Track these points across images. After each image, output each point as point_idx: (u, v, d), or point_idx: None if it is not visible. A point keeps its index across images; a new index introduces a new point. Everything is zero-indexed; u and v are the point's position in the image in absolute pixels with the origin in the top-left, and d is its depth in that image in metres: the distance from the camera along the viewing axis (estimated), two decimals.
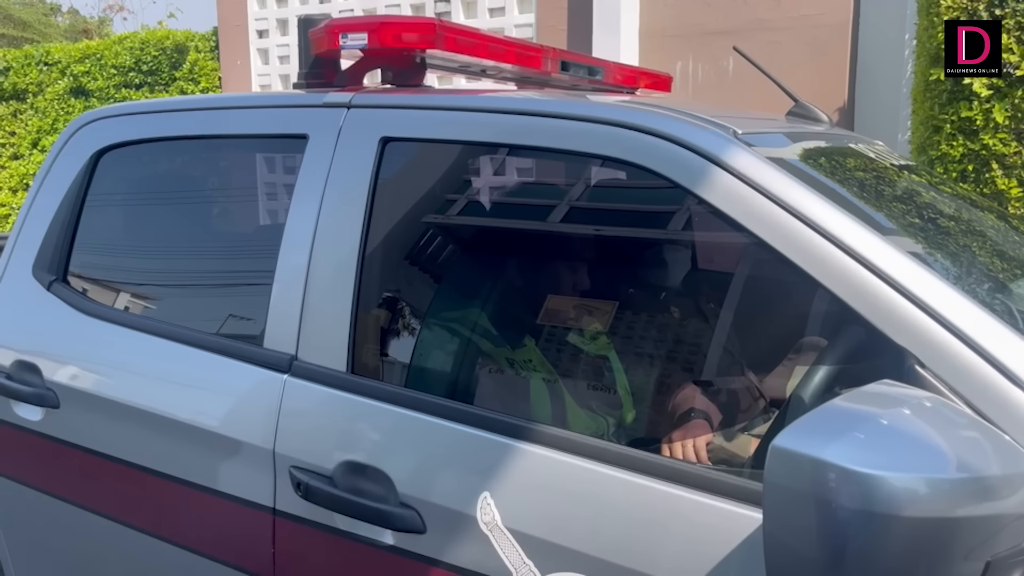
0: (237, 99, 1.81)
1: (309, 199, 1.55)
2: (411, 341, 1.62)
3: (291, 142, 1.67)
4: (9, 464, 1.91)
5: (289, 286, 1.54)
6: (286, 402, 1.49)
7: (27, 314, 1.92)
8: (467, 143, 1.53)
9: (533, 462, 1.25)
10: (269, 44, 6.32)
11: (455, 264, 1.77)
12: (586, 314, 1.81)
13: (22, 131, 7.70)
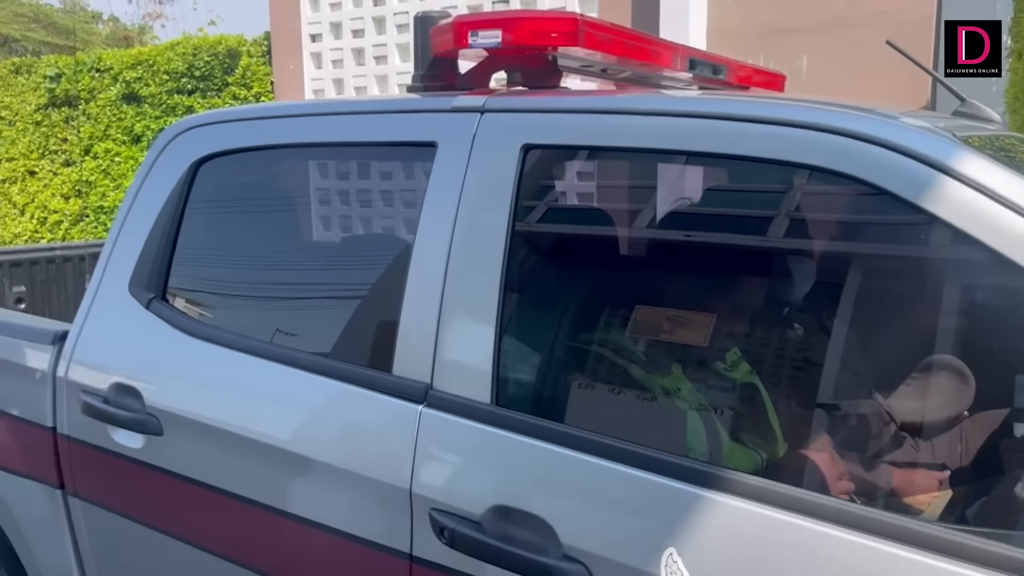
0: (351, 104, 1.68)
1: (441, 212, 1.42)
2: (558, 368, 1.48)
3: (416, 150, 1.53)
4: (105, 493, 1.80)
5: (421, 308, 1.40)
6: (423, 436, 1.35)
7: (125, 334, 1.81)
8: (630, 150, 1.38)
9: (730, 516, 1.10)
10: (322, 48, 6.24)
11: (602, 282, 1.63)
12: (680, 327, 1.66)
13: (74, 138, 7.72)
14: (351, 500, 1.43)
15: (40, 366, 1.88)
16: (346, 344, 1.61)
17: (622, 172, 1.63)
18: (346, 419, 1.48)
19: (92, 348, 1.83)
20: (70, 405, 1.81)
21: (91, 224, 7.64)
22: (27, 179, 8.12)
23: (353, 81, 6.12)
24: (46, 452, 1.86)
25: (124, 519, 1.77)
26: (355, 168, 1.74)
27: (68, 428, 1.82)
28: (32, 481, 1.91)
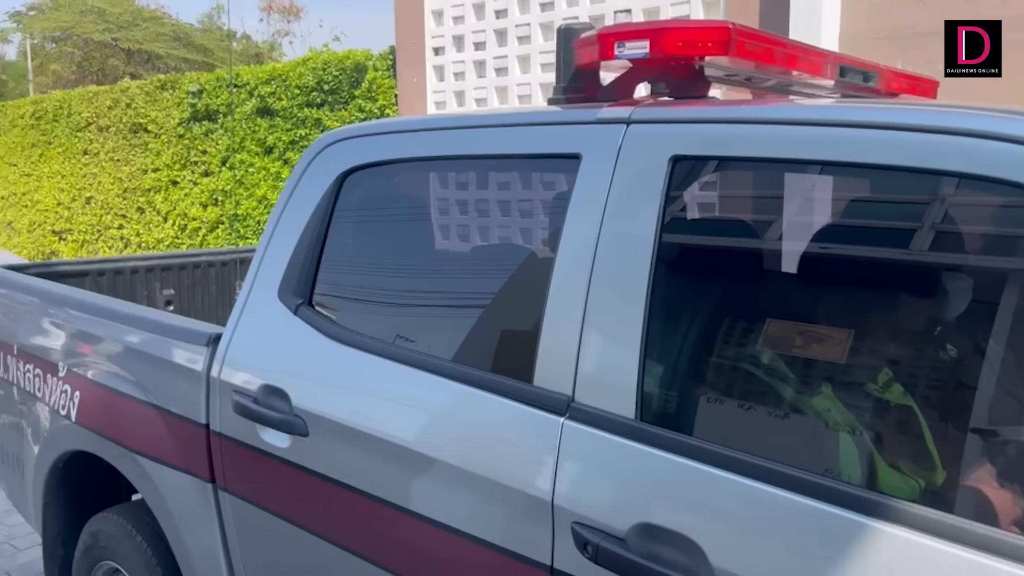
0: (493, 118, 1.71)
1: (585, 224, 1.41)
2: (704, 384, 1.45)
3: (560, 162, 1.54)
4: (252, 489, 1.89)
5: (563, 320, 1.40)
6: (565, 449, 1.35)
7: (274, 338, 1.89)
8: (785, 161, 1.34)
9: (894, 546, 1.04)
10: (445, 61, 6.38)
11: (752, 297, 1.58)
12: (815, 342, 1.58)
13: (212, 149, 8.19)
14: (489, 507, 1.44)
15: (195, 366, 1.99)
16: (485, 353, 1.63)
17: (773, 184, 1.58)
18: (485, 426, 1.49)
19: (243, 350, 1.93)
20: (222, 404, 1.91)
21: (226, 231, 8.08)
22: (170, 188, 8.67)
23: (474, 93, 6.22)
24: (199, 447, 1.97)
25: (269, 514, 1.85)
26: (496, 180, 1.76)
27: (220, 426, 1.92)
28: (185, 474, 2.02)
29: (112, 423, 2.24)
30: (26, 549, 3.66)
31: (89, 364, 2.35)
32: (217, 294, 3.84)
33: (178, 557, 2.10)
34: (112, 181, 9.36)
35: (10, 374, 2.68)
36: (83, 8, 25.64)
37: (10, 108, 11.22)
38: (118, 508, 2.40)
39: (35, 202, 10.52)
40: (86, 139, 9.72)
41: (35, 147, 10.52)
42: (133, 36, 24.58)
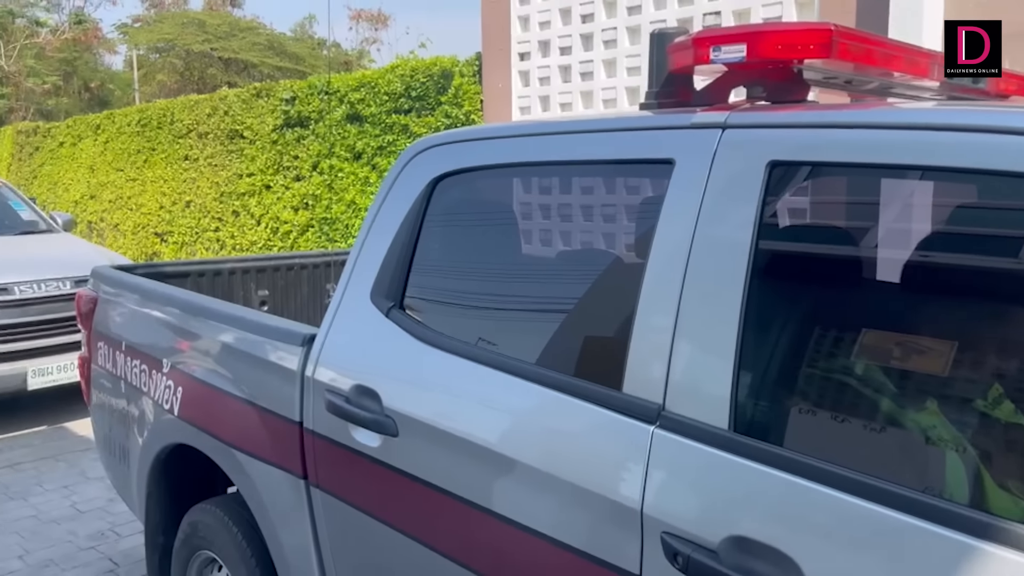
0: (583, 123, 1.70)
1: (677, 230, 1.40)
2: (799, 394, 1.41)
3: (651, 167, 1.53)
4: (343, 486, 1.94)
5: (654, 328, 1.39)
6: (655, 458, 1.33)
7: (366, 340, 1.94)
8: (889, 167, 1.29)
9: (1008, 572, 0.99)
10: (530, 66, 6.41)
11: (850, 305, 1.53)
12: (915, 354, 1.50)
13: (304, 155, 8.44)
14: (572, 511, 1.44)
15: (290, 365, 2.05)
16: (572, 358, 1.63)
17: (873, 190, 1.52)
18: (573, 431, 1.49)
19: (336, 351, 1.98)
20: (316, 402, 1.97)
21: (315, 234, 8.31)
22: (263, 192, 8.98)
23: (559, 98, 6.24)
24: (293, 444, 2.03)
25: (359, 512, 1.89)
26: (584, 185, 1.76)
27: (313, 424, 1.98)
28: (279, 470, 2.09)
29: (211, 418, 2.33)
30: (128, 536, 3.85)
31: (191, 361, 2.46)
32: (309, 295, 3.96)
33: (271, 550, 2.17)
34: (210, 185, 9.76)
35: (119, 369, 2.83)
36: (185, 20, 26.86)
37: (118, 116, 11.84)
38: (216, 500, 2.50)
39: (139, 205, 11.07)
40: (187, 145, 10.17)
41: (140, 153, 11.08)
42: (230, 46, 25.60)
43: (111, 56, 34.16)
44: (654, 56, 1.64)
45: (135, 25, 29.48)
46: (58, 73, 27.67)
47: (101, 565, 3.59)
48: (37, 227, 6.83)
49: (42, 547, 3.75)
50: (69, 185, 12.62)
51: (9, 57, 24.92)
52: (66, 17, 29.11)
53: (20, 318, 5.36)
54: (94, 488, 4.42)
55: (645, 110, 1.66)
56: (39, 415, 5.65)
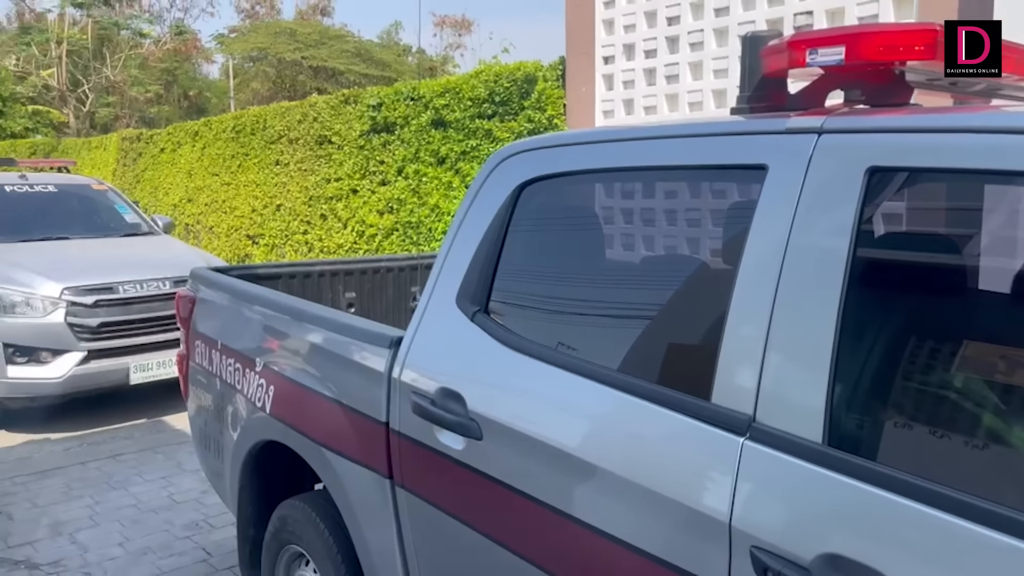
0: (672, 128, 1.68)
1: (770, 238, 1.37)
2: (898, 408, 1.36)
3: (743, 173, 1.50)
4: (427, 487, 1.96)
5: (745, 337, 1.36)
6: (745, 471, 1.30)
7: (451, 343, 1.96)
8: (1002, 173, 1.23)
9: None
10: (614, 70, 6.37)
11: (952, 316, 1.47)
12: (1020, 368, 1.42)
13: (390, 160, 8.61)
14: (661, 522, 1.42)
15: (378, 367, 2.10)
16: (657, 366, 1.61)
17: (978, 197, 1.46)
18: (658, 440, 1.48)
19: (422, 353, 2.01)
20: (402, 404, 2.00)
21: (399, 237, 8.47)
22: (350, 197, 9.20)
23: (643, 101, 6.18)
24: (379, 444, 2.07)
25: (442, 513, 1.91)
26: (672, 191, 1.74)
27: (399, 424, 2.01)
28: (365, 469, 2.14)
29: (301, 416, 2.40)
30: (220, 528, 4.00)
31: (282, 360, 2.54)
32: (394, 298, 4.03)
33: (357, 547, 2.22)
34: (299, 190, 10.06)
35: (214, 367, 2.94)
36: (277, 30, 27.80)
37: (214, 123, 12.34)
38: (304, 496, 2.57)
39: (233, 208, 11.50)
40: (278, 151, 10.51)
41: (234, 158, 11.51)
42: (319, 54, 26.36)
43: (208, 65, 35.67)
44: (746, 59, 1.60)
45: (231, 35, 30.70)
46: (160, 82, 29.05)
47: (195, 555, 3.74)
48: (140, 229, 7.18)
49: (141, 535, 3.94)
50: (168, 189, 13.22)
51: (115, 67, 26.27)
52: (167, 28, 30.53)
53: (124, 316, 5.64)
54: (189, 480, 4.61)
55: (737, 115, 1.63)
56: (140, 409, 5.94)
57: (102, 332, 5.55)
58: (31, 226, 6.54)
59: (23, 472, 4.80)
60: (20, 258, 5.83)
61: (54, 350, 5.40)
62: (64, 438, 5.43)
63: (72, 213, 7.02)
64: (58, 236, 6.55)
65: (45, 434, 5.50)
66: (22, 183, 7.00)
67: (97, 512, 4.22)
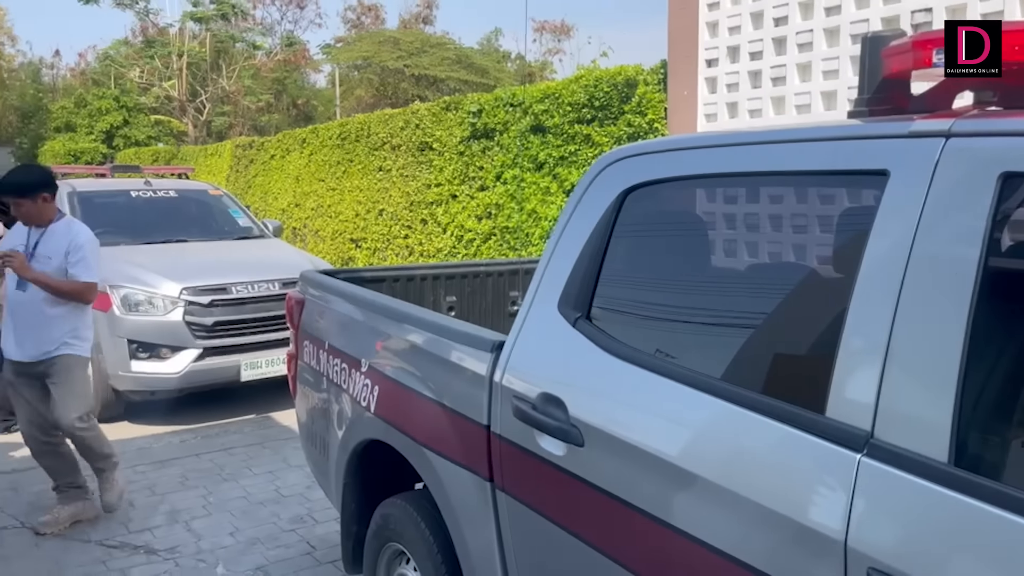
0: (784, 133, 1.64)
1: (892, 246, 1.31)
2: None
3: (861, 179, 1.44)
4: (527, 491, 1.97)
5: (863, 349, 1.31)
6: (862, 488, 1.25)
7: (553, 349, 1.97)
8: None
9: None
10: (718, 73, 6.25)
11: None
12: None
13: (488, 166, 8.71)
14: (768, 538, 1.38)
15: (480, 370, 2.12)
16: (765, 376, 1.56)
17: None
18: (765, 452, 1.43)
19: (524, 358, 2.02)
20: (503, 408, 2.02)
21: (497, 242, 8.55)
22: (449, 202, 9.36)
23: (747, 104, 6.03)
24: (480, 447, 2.10)
25: (542, 518, 1.92)
26: (786, 197, 1.69)
27: (500, 428, 2.03)
28: (466, 471, 2.16)
29: (404, 417, 2.45)
30: (324, 522, 4.12)
31: (387, 362, 2.60)
32: (493, 302, 4.07)
33: (457, 547, 2.25)
34: (401, 195, 10.30)
35: (322, 366, 3.04)
36: (381, 39, 28.57)
37: (321, 130, 12.79)
38: (406, 495, 2.62)
39: (338, 213, 11.88)
40: (381, 157, 10.80)
41: (340, 164, 11.89)
42: (421, 62, 26.93)
43: (315, 74, 36.97)
44: (866, 60, 1.54)
45: (337, 45, 31.76)
46: (270, 91, 30.32)
47: (300, 547, 3.87)
48: (251, 233, 7.51)
49: (250, 526, 4.11)
50: (278, 194, 13.77)
51: (230, 78, 27.59)
52: (278, 40, 31.84)
53: (236, 315, 5.91)
54: (295, 475, 4.79)
55: (854, 118, 1.57)
56: (250, 405, 6.20)
57: (216, 330, 5.82)
58: (154, 229, 6.94)
59: (143, 461, 5.09)
60: (144, 259, 6.19)
61: (173, 347, 5.71)
62: (180, 431, 5.73)
63: (190, 217, 7.41)
64: (178, 239, 6.92)
65: (163, 426, 5.82)
66: (146, 189, 7.44)
67: (210, 502, 4.43)
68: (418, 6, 33.95)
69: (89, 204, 6.87)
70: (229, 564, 3.70)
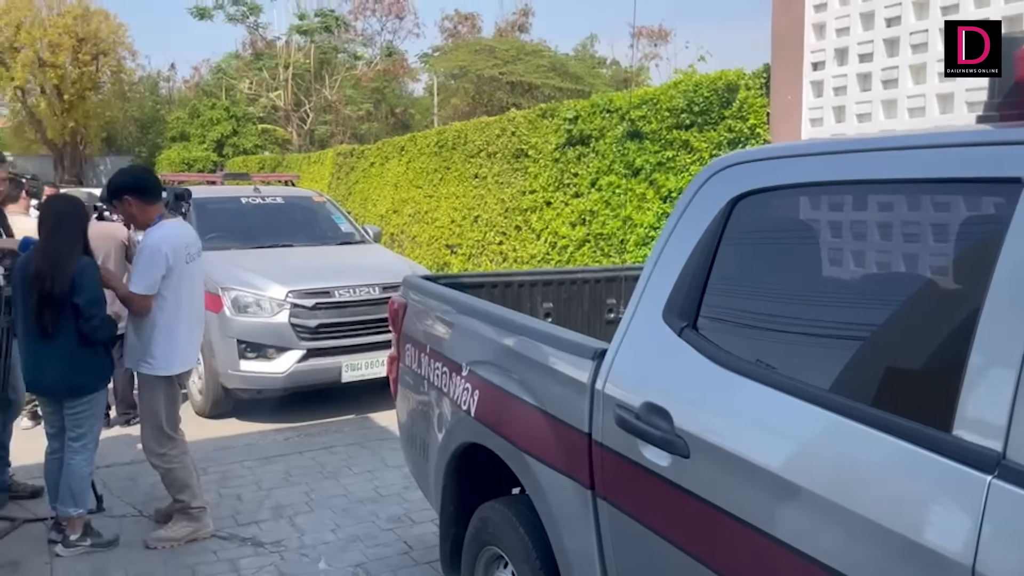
0: (905, 139, 1.57)
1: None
2: None
3: (991, 187, 1.37)
4: (630, 500, 1.96)
5: (995, 365, 1.24)
6: (993, 512, 1.19)
7: (657, 358, 1.95)
8: None
9: None
10: (824, 76, 6.06)
11: None
12: None
13: (583, 172, 8.69)
14: (882, 556, 1.32)
15: (581, 378, 2.12)
16: (882, 391, 1.50)
17: None
18: (882, 469, 1.38)
19: (627, 367, 2.01)
20: (605, 416, 2.01)
21: (591, 249, 8.52)
22: (544, 208, 9.39)
23: (856, 108, 5.82)
24: (581, 454, 2.09)
25: (644, 528, 1.90)
26: (905, 205, 1.63)
27: (602, 436, 2.02)
28: (567, 478, 2.16)
29: (504, 421, 2.48)
30: (421, 523, 4.20)
31: (487, 366, 2.63)
32: (590, 309, 4.06)
33: (556, 555, 2.25)
34: (496, 202, 10.41)
35: (423, 369, 3.10)
36: (478, 48, 28.95)
37: (419, 138, 13.07)
38: (505, 500, 2.65)
39: (434, 219, 12.10)
40: (477, 164, 10.94)
41: (436, 172, 12.11)
42: (516, 70, 27.14)
43: (413, 83, 37.78)
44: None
45: (434, 54, 32.37)
46: (370, 100, 31.17)
47: (397, 547, 3.96)
48: (353, 238, 7.74)
49: (350, 524, 4.22)
50: (377, 201, 14.14)
51: (332, 88, 28.51)
52: (378, 50, 32.69)
53: (338, 318, 6.09)
54: (392, 475, 4.89)
55: (984, 123, 1.50)
56: (349, 405, 6.38)
57: (319, 333, 6.02)
58: (262, 234, 7.24)
59: (250, 457, 5.31)
60: (252, 263, 6.46)
61: (279, 347, 5.94)
62: (284, 428, 5.95)
63: (295, 223, 7.69)
64: (284, 243, 7.19)
65: (268, 424, 6.06)
66: (255, 195, 7.77)
67: (312, 499, 4.58)
68: (514, 14, 34.25)
69: (203, 210, 7.21)
70: (331, 560, 3.81)
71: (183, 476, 3.97)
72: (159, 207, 4.01)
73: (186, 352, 4.00)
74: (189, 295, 3.96)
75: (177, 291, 3.87)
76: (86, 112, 29.53)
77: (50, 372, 3.76)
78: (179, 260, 3.85)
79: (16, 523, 4.15)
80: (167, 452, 3.95)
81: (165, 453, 3.94)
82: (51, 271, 3.65)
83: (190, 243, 3.99)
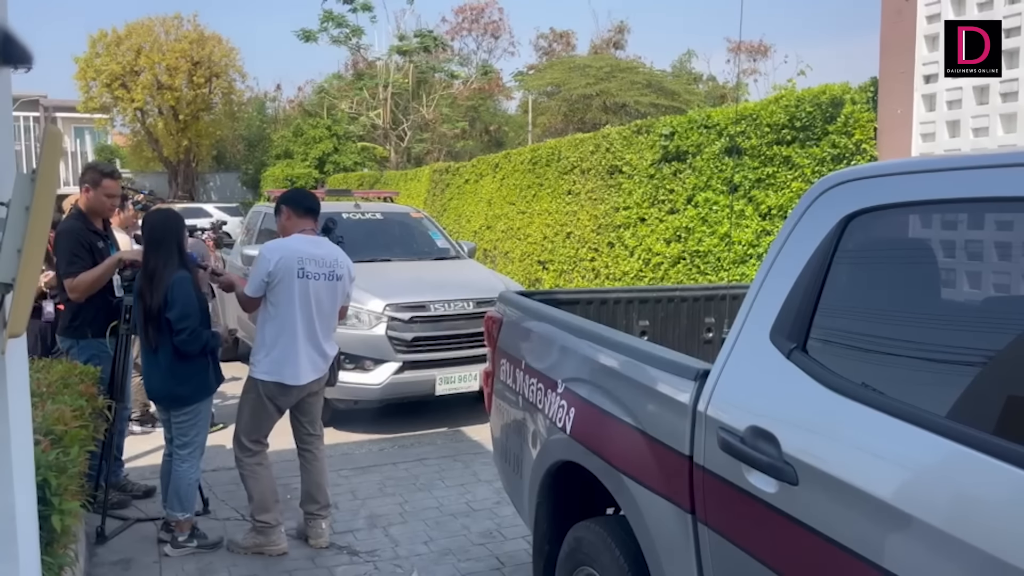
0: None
1: None
2: None
3: None
4: (733, 527, 1.90)
5: None
6: None
7: (764, 380, 1.89)
8: None
9: None
10: (937, 89, 5.79)
11: None
12: None
13: (679, 188, 8.57)
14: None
15: (683, 399, 2.07)
16: (1004, 417, 1.41)
17: None
18: (992, 500, 1.30)
19: (731, 389, 1.96)
20: (708, 439, 1.96)
21: (686, 266, 8.37)
22: (638, 225, 9.30)
23: (971, 123, 5.53)
24: (681, 477, 2.04)
25: (748, 556, 1.83)
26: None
27: (704, 459, 1.97)
28: (666, 501, 2.12)
29: (600, 441, 2.45)
30: (512, 539, 4.20)
31: (584, 384, 2.61)
32: (688, 328, 3.98)
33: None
34: (589, 218, 10.37)
35: (518, 385, 3.11)
36: (572, 65, 29.03)
37: (513, 155, 13.17)
38: (600, 520, 2.61)
39: (526, 235, 12.16)
40: (570, 181, 10.94)
41: (530, 188, 12.17)
42: (609, 87, 27.05)
43: (507, 101, 38.16)
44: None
45: (529, 72, 32.64)
46: (466, 118, 31.65)
47: (489, 562, 3.96)
48: (448, 254, 7.86)
49: (443, 536, 4.26)
50: (471, 217, 14.32)
51: (429, 106, 29.12)
52: (474, 69, 33.21)
53: (433, 332, 6.19)
54: (484, 489, 4.91)
55: None
56: (442, 418, 6.45)
57: (415, 345, 6.12)
58: (362, 248, 7.41)
59: (347, 467, 5.43)
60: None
61: (375, 359, 6.07)
62: (379, 439, 6.06)
63: (394, 238, 7.87)
64: (383, 258, 7.36)
65: (364, 434, 6.19)
66: (356, 211, 7.99)
67: (406, 510, 4.64)
68: (609, 31, 34.21)
69: None
70: (424, 572, 3.85)
71: (251, 487, 4.06)
72: (305, 223, 4.13)
73: (282, 365, 3.95)
74: (303, 310, 3.97)
75: (286, 303, 3.94)
76: (199, 131, 31.08)
77: (155, 383, 3.98)
78: (287, 272, 3.92)
79: (129, 522, 4.37)
80: (240, 458, 4.07)
81: (239, 458, 4.08)
82: (149, 287, 3.84)
83: (307, 259, 3.98)
